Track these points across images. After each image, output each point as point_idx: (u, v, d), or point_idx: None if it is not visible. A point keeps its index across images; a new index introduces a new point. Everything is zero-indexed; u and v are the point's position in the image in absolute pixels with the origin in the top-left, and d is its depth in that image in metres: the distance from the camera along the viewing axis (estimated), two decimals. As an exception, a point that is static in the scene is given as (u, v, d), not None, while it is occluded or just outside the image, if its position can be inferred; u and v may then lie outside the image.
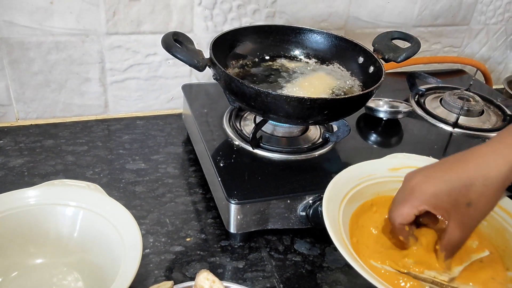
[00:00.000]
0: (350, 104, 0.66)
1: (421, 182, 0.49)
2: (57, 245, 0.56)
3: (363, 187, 0.59)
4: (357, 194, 0.58)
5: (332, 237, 0.48)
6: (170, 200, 0.71)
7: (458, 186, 0.47)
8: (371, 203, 0.59)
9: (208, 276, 0.47)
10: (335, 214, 0.53)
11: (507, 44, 1.16)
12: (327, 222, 0.50)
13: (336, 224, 0.51)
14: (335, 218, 0.52)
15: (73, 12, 0.79)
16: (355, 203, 0.57)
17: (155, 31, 0.85)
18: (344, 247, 0.48)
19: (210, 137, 0.73)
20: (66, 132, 0.83)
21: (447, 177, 0.48)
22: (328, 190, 0.55)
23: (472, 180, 0.46)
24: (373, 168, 0.61)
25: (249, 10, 0.89)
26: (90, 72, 0.85)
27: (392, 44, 0.77)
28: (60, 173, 0.74)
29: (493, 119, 0.89)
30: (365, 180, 0.59)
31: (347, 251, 0.48)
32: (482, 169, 0.47)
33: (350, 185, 0.58)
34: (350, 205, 0.56)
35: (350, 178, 0.58)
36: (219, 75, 0.67)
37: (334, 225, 0.50)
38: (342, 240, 0.49)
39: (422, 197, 0.48)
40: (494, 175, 0.46)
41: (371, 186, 0.59)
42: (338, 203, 0.55)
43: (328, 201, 0.53)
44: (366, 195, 0.59)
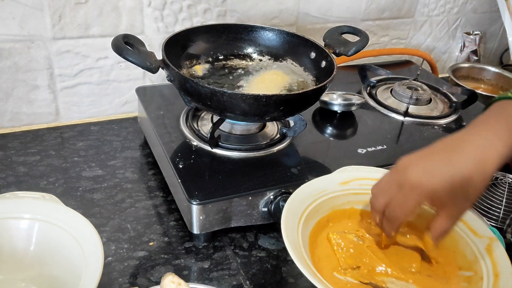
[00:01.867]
0: (304, 99, 0.67)
1: (422, 177, 0.48)
2: (13, 260, 0.54)
3: (317, 204, 0.59)
4: (313, 211, 0.58)
5: (295, 260, 0.48)
6: (130, 205, 0.70)
7: (459, 181, 0.47)
8: (326, 219, 0.60)
9: (173, 279, 0.47)
10: (294, 236, 0.52)
11: (449, 35, 1.22)
12: (288, 246, 0.49)
13: (297, 246, 0.51)
14: (295, 239, 0.52)
15: (16, 18, 0.76)
16: (311, 221, 0.57)
17: (104, 34, 0.83)
18: (307, 268, 0.47)
19: (167, 139, 0.72)
20: (16, 143, 0.80)
21: (449, 172, 0.47)
22: (284, 213, 0.54)
23: (472, 175, 0.47)
24: (324, 184, 0.61)
25: (200, 9, 0.88)
26: (38, 79, 0.82)
27: (342, 39, 0.79)
28: (12, 186, 0.71)
29: (440, 107, 0.93)
30: (319, 197, 0.59)
31: (310, 272, 0.47)
32: (481, 165, 0.48)
33: (305, 204, 0.57)
34: (308, 224, 0.56)
35: (303, 198, 0.58)
36: (173, 76, 0.66)
37: (295, 248, 0.50)
38: (304, 262, 0.49)
39: (425, 193, 0.48)
40: (490, 170, 0.48)
41: (325, 202, 0.59)
42: (296, 224, 0.54)
43: (286, 224, 0.52)
44: (322, 211, 0.59)
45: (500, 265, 0.51)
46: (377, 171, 0.63)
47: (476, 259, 0.54)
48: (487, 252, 0.54)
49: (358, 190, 0.61)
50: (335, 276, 0.53)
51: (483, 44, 1.25)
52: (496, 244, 0.54)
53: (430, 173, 0.48)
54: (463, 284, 0.53)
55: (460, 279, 0.54)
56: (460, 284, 0.53)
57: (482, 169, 0.48)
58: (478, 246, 0.55)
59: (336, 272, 0.54)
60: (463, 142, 0.50)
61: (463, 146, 0.49)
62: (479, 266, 0.53)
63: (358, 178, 0.62)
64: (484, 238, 0.55)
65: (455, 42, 1.24)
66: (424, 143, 0.52)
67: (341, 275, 0.53)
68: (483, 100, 0.98)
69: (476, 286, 0.51)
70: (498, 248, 0.53)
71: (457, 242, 0.57)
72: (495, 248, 0.53)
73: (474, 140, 0.50)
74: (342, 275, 0.53)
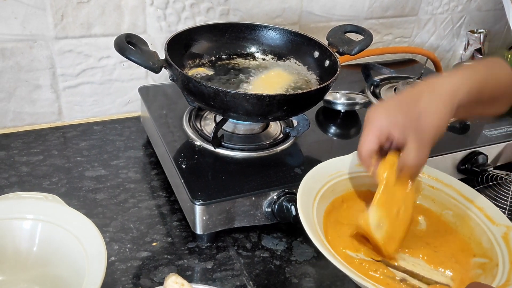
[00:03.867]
0: (308, 98, 0.67)
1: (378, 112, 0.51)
2: (16, 261, 0.54)
3: (333, 183, 0.59)
4: (328, 191, 0.58)
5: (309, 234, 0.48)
6: (133, 206, 0.69)
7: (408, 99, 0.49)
8: (341, 199, 0.60)
9: (176, 280, 0.47)
10: (309, 213, 0.53)
11: (453, 33, 1.21)
12: (304, 220, 0.50)
13: (312, 222, 0.51)
14: (310, 216, 0.52)
15: (18, 17, 0.75)
16: (326, 200, 0.58)
17: (107, 34, 0.83)
18: (319, 241, 0.48)
19: (170, 139, 0.72)
20: (18, 142, 0.80)
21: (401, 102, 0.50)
22: (301, 189, 0.54)
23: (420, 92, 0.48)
24: (341, 165, 0.61)
25: (203, 8, 0.88)
26: (41, 78, 0.82)
27: (345, 38, 0.79)
28: (15, 186, 0.71)
29: (445, 106, 0.92)
30: (335, 177, 0.59)
31: (322, 244, 0.48)
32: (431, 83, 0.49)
33: (321, 182, 0.58)
34: (322, 203, 0.57)
35: (320, 176, 0.58)
36: (176, 76, 0.66)
37: (310, 223, 0.50)
38: (318, 236, 0.50)
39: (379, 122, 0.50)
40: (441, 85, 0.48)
41: (341, 183, 0.60)
42: (311, 202, 0.55)
43: (301, 200, 0.53)
44: (337, 191, 0.59)
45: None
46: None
47: (492, 246, 0.53)
48: (503, 240, 0.53)
49: None
50: (348, 253, 0.53)
51: (487, 42, 1.24)
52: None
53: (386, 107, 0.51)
54: (477, 271, 0.53)
55: (474, 265, 0.54)
56: (473, 271, 0.53)
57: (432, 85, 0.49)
58: (495, 234, 0.54)
59: (350, 250, 0.54)
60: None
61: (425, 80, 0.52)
62: (495, 253, 0.52)
63: None
64: (501, 226, 0.55)
65: (459, 41, 1.23)
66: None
67: (353, 253, 0.53)
68: (488, 99, 0.97)
69: (490, 273, 0.50)
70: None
71: (473, 229, 0.57)
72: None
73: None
74: (354, 252, 0.53)
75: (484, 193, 0.76)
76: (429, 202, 0.61)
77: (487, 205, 0.58)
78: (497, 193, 0.75)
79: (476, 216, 0.57)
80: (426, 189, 0.61)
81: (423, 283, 0.51)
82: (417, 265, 0.53)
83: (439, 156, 0.75)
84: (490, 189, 0.76)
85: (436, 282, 0.51)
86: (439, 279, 0.51)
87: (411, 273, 0.52)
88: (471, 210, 0.58)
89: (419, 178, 0.60)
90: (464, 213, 0.58)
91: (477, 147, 0.79)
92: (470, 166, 0.78)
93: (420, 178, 0.61)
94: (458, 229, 0.58)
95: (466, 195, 0.59)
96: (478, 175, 0.78)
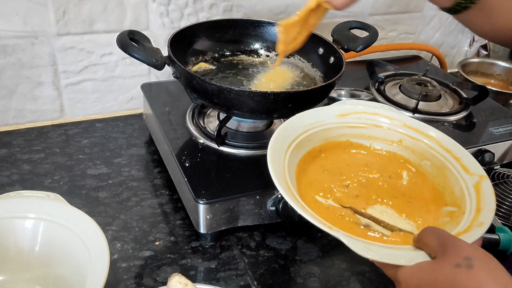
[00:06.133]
0: (313, 96, 0.66)
1: None
2: (18, 260, 0.53)
3: (311, 133, 0.58)
4: (305, 140, 0.57)
5: (275, 180, 0.48)
6: (136, 204, 0.69)
7: None
8: (319, 149, 0.59)
9: (180, 280, 0.46)
10: (280, 160, 0.52)
11: (459, 29, 1.20)
12: (271, 166, 0.49)
13: (281, 169, 0.51)
14: (280, 163, 0.52)
15: (19, 14, 0.75)
16: (303, 149, 0.57)
17: (109, 30, 0.82)
18: (286, 189, 0.48)
19: (173, 136, 0.71)
20: (20, 140, 0.79)
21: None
22: (275, 136, 0.54)
23: None
24: (321, 115, 0.60)
25: (206, 4, 0.87)
26: (42, 75, 0.81)
27: (350, 34, 0.78)
28: (17, 184, 0.70)
29: (450, 103, 0.91)
30: (313, 126, 0.59)
31: (288, 192, 0.48)
32: None
33: (298, 131, 0.57)
34: (298, 151, 0.56)
35: (297, 126, 0.58)
36: (179, 73, 0.65)
37: (278, 171, 0.50)
38: (285, 183, 0.49)
39: None
40: None
41: (319, 132, 0.59)
42: (285, 149, 0.54)
43: (273, 147, 0.53)
44: (314, 141, 0.59)
45: (485, 201, 0.50)
46: (376, 106, 0.63)
47: (463, 195, 0.53)
48: (474, 189, 0.53)
49: (356, 123, 0.61)
50: (317, 200, 0.53)
51: (492, 39, 1.23)
52: (485, 182, 0.53)
53: None
54: (445, 219, 0.52)
55: (444, 214, 0.54)
56: (441, 219, 0.53)
57: None
58: (467, 183, 0.54)
59: (319, 196, 0.54)
60: None
61: None
62: (464, 202, 0.52)
63: (356, 111, 0.61)
64: (474, 175, 0.54)
65: (464, 37, 1.22)
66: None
67: (323, 199, 0.53)
68: (494, 96, 0.96)
69: (456, 220, 0.50)
70: (486, 185, 0.52)
71: (448, 179, 0.57)
72: (483, 185, 0.53)
73: None
74: (324, 199, 0.54)
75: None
76: (409, 152, 0.60)
77: (464, 155, 0.57)
78: (504, 191, 0.74)
79: (452, 166, 0.57)
80: (406, 139, 0.61)
81: (387, 230, 0.51)
82: (385, 213, 0.53)
83: (445, 154, 0.75)
84: (496, 187, 0.75)
85: (400, 229, 0.51)
86: (404, 227, 0.51)
87: (376, 219, 0.52)
88: (448, 160, 0.58)
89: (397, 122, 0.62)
90: (441, 163, 0.58)
91: (483, 145, 0.78)
92: (476, 164, 0.77)
93: (396, 127, 0.61)
94: (434, 179, 0.58)
95: (445, 145, 0.59)
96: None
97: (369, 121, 0.61)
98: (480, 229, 0.46)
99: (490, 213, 0.48)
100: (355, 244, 0.42)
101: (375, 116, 0.62)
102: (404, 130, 0.61)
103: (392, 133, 0.61)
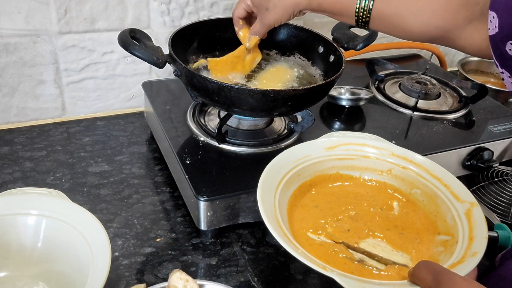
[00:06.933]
0: (313, 94, 0.66)
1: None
2: (21, 256, 0.54)
3: (300, 168, 0.58)
4: (295, 175, 0.57)
5: (265, 220, 0.48)
6: (137, 201, 0.69)
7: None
8: (309, 183, 0.59)
9: (181, 276, 0.47)
10: (271, 198, 0.52)
11: (459, 28, 1.20)
12: (261, 205, 0.49)
13: (272, 208, 0.51)
14: (271, 201, 0.52)
15: (21, 12, 0.75)
16: (293, 184, 0.57)
17: (110, 28, 0.82)
18: (277, 229, 0.48)
19: (174, 134, 0.71)
20: (22, 138, 0.80)
21: None
22: (263, 176, 0.54)
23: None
24: (309, 149, 0.60)
25: (207, 3, 0.87)
26: (44, 74, 0.82)
27: (350, 33, 0.78)
28: (19, 181, 0.71)
29: (450, 101, 0.91)
30: (303, 161, 0.59)
31: (280, 232, 0.48)
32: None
33: (288, 167, 0.57)
34: (288, 187, 0.56)
35: (286, 161, 0.58)
36: (180, 71, 0.65)
37: (269, 209, 0.50)
38: (275, 223, 0.49)
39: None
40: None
41: (309, 167, 0.59)
42: (275, 186, 0.54)
43: (263, 185, 0.53)
44: (304, 175, 0.59)
45: (476, 229, 0.51)
46: (363, 137, 0.63)
47: (455, 223, 0.53)
48: (466, 217, 0.53)
49: (344, 155, 0.61)
50: (310, 237, 0.53)
51: (492, 38, 1.23)
52: (476, 209, 0.53)
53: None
54: (439, 249, 0.53)
55: (437, 243, 0.54)
56: (435, 249, 0.53)
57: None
58: (459, 211, 0.54)
59: (311, 232, 0.54)
60: None
61: None
62: (457, 230, 0.52)
63: (344, 143, 0.62)
64: (465, 203, 0.55)
65: (464, 36, 1.22)
66: (433, 139, 0.51)
67: (315, 235, 0.53)
68: (493, 95, 0.97)
69: (450, 250, 0.50)
70: (477, 212, 0.53)
71: (439, 207, 0.57)
72: (474, 212, 0.53)
73: None
74: (316, 235, 0.54)
75: (489, 189, 0.76)
76: (399, 181, 0.60)
77: (453, 182, 0.57)
78: (503, 189, 0.74)
79: (442, 194, 0.57)
80: (395, 169, 0.61)
81: (381, 264, 0.51)
82: (378, 247, 0.53)
83: (444, 152, 0.75)
84: (495, 185, 0.75)
85: (394, 262, 0.51)
86: (398, 259, 0.51)
87: (369, 254, 0.52)
88: (438, 188, 0.58)
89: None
90: (431, 191, 0.58)
91: (482, 143, 0.79)
92: (475, 162, 0.78)
93: (384, 156, 0.62)
94: (425, 208, 0.58)
95: (434, 173, 0.59)
96: (483, 171, 0.78)
97: (357, 152, 0.61)
98: (474, 259, 0.46)
99: (483, 241, 0.48)
100: (350, 284, 0.42)
101: (362, 146, 0.61)
102: (392, 159, 0.61)
103: (381, 163, 0.61)
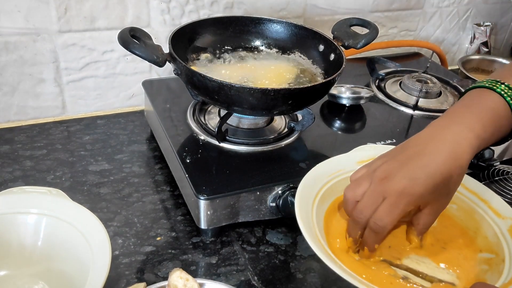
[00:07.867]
0: (313, 92, 0.66)
1: (407, 185, 0.47)
2: (21, 255, 0.54)
3: (333, 183, 0.57)
4: (328, 191, 0.56)
5: (307, 239, 0.47)
6: (137, 200, 0.69)
7: (441, 181, 0.48)
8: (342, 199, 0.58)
9: (181, 275, 0.47)
10: (308, 216, 0.51)
11: (459, 26, 1.20)
12: (301, 225, 0.48)
13: (311, 225, 0.50)
14: (309, 219, 0.51)
15: (21, 11, 0.75)
16: (327, 201, 0.56)
17: (110, 27, 0.82)
18: (321, 248, 0.47)
19: (174, 133, 0.71)
20: (22, 136, 0.80)
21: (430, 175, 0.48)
22: (299, 192, 0.53)
23: (450, 172, 0.48)
24: (341, 163, 0.59)
25: (207, 1, 0.87)
26: (44, 72, 0.82)
27: (351, 31, 0.78)
28: (19, 180, 0.71)
29: (451, 100, 0.91)
30: (335, 176, 0.58)
31: (322, 250, 0.47)
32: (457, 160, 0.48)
33: (320, 183, 0.56)
34: (323, 204, 0.55)
35: (319, 177, 0.57)
36: (180, 69, 0.65)
37: (308, 227, 0.49)
38: (317, 241, 0.48)
39: (413, 200, 0.48)
40: (465, 164, 0.49)
41: (342, 182, 0.57)
42: (311, 204, 0.53)
43: (300, 203, 0.51)
44: (337, 191, 0.57)
45: None
46: None
47: (498, 241, 0.52)
48: (509, 234, 0.52)
49: None
50: (349, 255, 0.52)
51: (493, 36, 1.22)
52: None
53: (414, 180, 0.47)
54: (483, 267, 0.51)
55: (480, 261, 0.52)
56: (479, 266, 0.51)
57: (459, 165, 0.48)
58: (501, 227, 0.53)
59: (350, 251, 0.52)
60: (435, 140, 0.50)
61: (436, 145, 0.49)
62: (501, 248, 0.51)
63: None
64: (507, 219, 0.53)
65: (465, 34, 1.22)
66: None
67: (355, 255, 0.52)
68: (494, 93, 0.96)
69: (497, 269, 0.49)
70: None
71: (479, 223, 0.55)
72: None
73: (446, 136, 0.50)
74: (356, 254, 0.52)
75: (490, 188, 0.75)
76: None
77: (492, 198, 0.56)
78: (504, 188, 0.74)
79: (481, 210, 0.56)
80: None
81: (426, 281, 0.50)
82: (421, 263, 0.51)
83: (445, 151, 0.75)
84: (496, 183, 0.75)
85: (440, 280, 0.49)
86: (443, 277, 0.50)
87: (413, 271, 0.50)
88: (476, 203, 0.57)
89: None
90: (469, 207, 0.57)
91: (483, 142, 0.78)
92: (476, 161, 0.78)
93: None
94: (463, 224, 0.57)
95: (471, 188, 0.58)
96: (484, 169, 0.78)
97: None
98: None
99: None
100: None
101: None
102: None
103: None
